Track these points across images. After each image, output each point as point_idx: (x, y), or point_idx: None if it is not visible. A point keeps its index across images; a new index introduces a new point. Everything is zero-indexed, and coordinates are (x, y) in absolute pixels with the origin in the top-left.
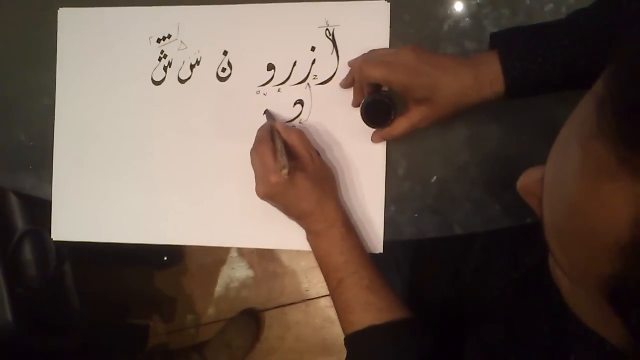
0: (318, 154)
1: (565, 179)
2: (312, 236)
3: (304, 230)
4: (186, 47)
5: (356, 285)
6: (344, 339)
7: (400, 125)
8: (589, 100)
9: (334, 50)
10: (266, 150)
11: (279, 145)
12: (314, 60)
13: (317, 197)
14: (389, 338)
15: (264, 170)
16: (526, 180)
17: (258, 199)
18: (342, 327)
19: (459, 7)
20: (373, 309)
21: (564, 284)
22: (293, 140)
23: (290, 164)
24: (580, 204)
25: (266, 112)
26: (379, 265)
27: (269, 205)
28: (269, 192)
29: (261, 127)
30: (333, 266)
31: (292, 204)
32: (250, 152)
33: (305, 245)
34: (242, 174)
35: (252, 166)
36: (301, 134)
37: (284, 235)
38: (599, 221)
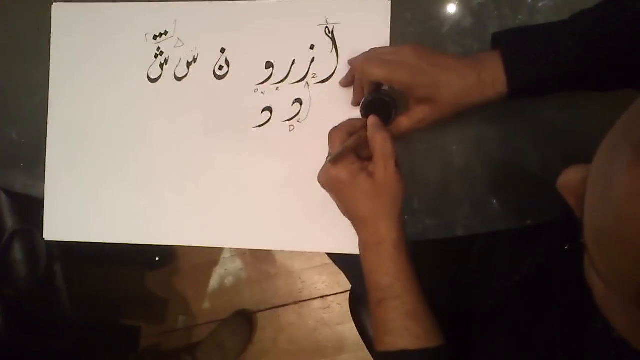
0: (397, 163)
1: (612, 184)
2: (361, 246)
3: (300, 230)
4: (183, 44)
5: (396, 310)
6: (376, 353)
7: (401, 125)
8: None
9: (334, 49)
10: (336, 139)
11: (352, 139)
12: (313, 58)
13: (373, 206)
14: None
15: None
16: (567, 178)
17: (252, 199)
18: (374, 339)
19: (460, 5)
20: (410, 336)
21: (599, 288)
22: (375, 140)
23: (358, 164)
24: (627, 210)
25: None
26: None
27: (263, 205)
28: (326, 182)
29: (353, 119)
30: (376, 284)
31: (347, 204)
32: (330, 131)
33: (299, 246)
34: (237, 174)
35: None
36: (386, 138)
37: (278, 235)
38: None
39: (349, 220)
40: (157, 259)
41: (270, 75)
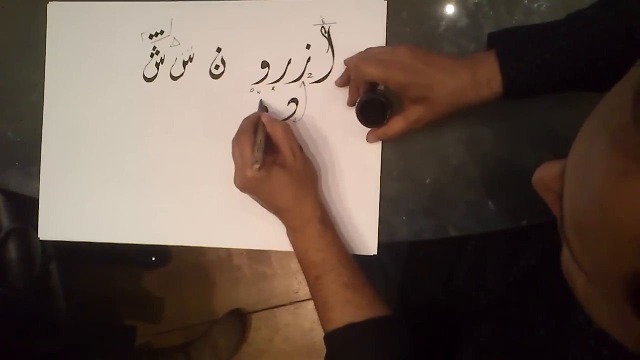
0: (301, 149)
1: (591, 172)
2: (290, 232)
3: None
4: (179, 44)
5: (334, 283)
6: (324, 336)
7: (396, 124)
8: (621, 91)
9: (330, 48)
10: (246, 142)
11: (259, 138)
12: (309, 58)
13: (294, 193)
14: (368, 335)
15: (241, 162)
16: (542, 174)
17: (249, 199)
18: (321, 324)
19: (456, 6)
20: (352, 307)
21: (579, 283)
22: (277, 133)
23: (269, 158)
24: (606, 197)
25: (260, 102)
26: (366, 271)
27: (259, 205)
28: (245, 185)
29: (247, 117)
30: (311, 262)
31: (268, 198)
32: (232, 141)
33: None
34: (232, 174)
35: (232, 156)
36: (286, 127)
37: (274, 235)
38: (626, 214)
39: (273, 213)
40: (153, 259)
41: (266, 75)
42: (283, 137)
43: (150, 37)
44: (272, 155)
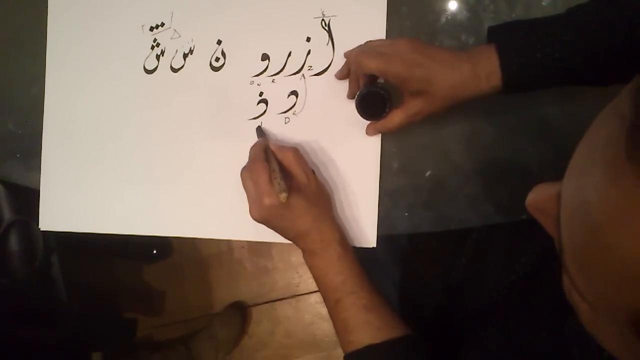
0: (313, 172)
1: (588, 203)
2: (308, 256)
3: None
4: (179, 36)
5: (354, 305)
6: (344, 357)
7: (396, 117)
8: (612, 120)
9: (330, 41)
10: (261, 171)
11: (275, 166)
12: (309, 50)
13: (312, 217)
14: (387, 356)
15: (257, 192)
16: (537, 197)
17: None
18: (341, 344)
19: None
20: (372, 328)
21: (583, 309)
22: (289, 159)
23: (286, 185)
24: (606, 231)
25: (257, 129)
26: (371, 266)
27: None
28: (264, 215)
29: (254, 145)
30: (330, 286)
31: (288, 225)
32: (241, 173)
33: None
34: (233, 166)
35: (244, 187)
36: (296, 152)
37: None
38: (627, 251)
39: (290, 239)
40: (154, 251)
41: (266, 68)
42: (295, 161)
43: (151, 29)
44: (287, 182)
